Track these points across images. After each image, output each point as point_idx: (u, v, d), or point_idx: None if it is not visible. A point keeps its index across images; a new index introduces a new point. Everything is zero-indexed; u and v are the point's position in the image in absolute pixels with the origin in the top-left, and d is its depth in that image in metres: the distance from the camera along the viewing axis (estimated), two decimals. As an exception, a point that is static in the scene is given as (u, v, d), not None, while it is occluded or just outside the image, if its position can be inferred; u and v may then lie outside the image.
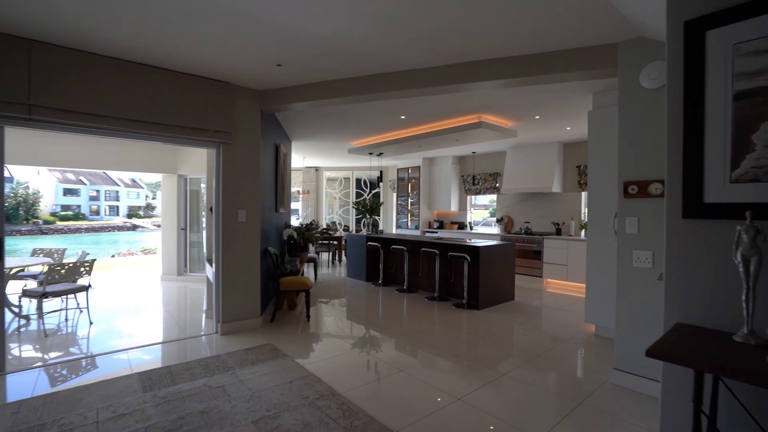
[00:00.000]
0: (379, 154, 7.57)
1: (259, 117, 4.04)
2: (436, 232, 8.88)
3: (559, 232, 6.94)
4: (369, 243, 6.58)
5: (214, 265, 3.88)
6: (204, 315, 4.61)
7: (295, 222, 11.26)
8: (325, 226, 10.66)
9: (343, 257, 9.21)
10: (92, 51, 3.03)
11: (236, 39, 2.84)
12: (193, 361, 3.11)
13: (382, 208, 9.63)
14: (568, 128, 5.78)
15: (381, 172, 7.60)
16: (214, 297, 3.87)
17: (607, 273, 3.89)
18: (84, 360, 3.23)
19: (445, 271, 5.68)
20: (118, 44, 2.92)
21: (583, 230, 6.61)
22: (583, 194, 6.90)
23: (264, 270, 4.33)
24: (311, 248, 8.18)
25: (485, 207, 9.30)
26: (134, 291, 6.07)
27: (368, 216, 7.38)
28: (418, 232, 9.33)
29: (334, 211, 11.71)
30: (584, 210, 6.88)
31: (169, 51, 3.04)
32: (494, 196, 8.47)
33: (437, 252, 5.36)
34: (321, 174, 11.35)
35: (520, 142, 7.15)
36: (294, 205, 11.22)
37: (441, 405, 2.50)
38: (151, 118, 3.27)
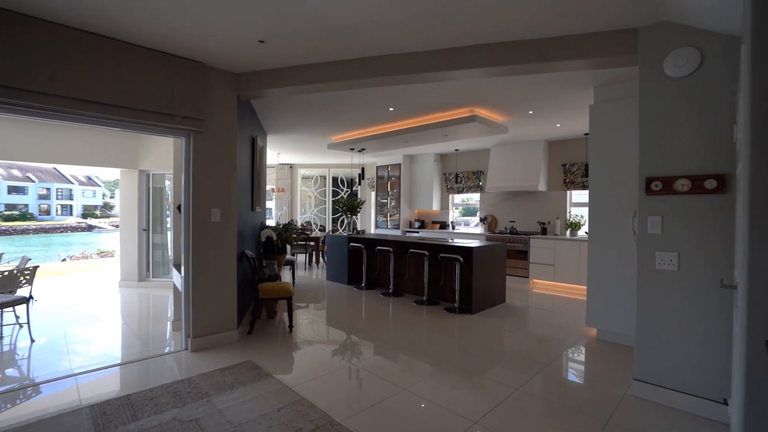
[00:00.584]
0: (361, 150, 7.20)
1: (235, 103, 3.58)
2: (418, 232, 8.62)
3: (544, 231, 6.83)
4: (351, 244, 6.20)
5: (182, 271, 3.39)
6: (170, 327, 4.08)
7: (269, 222, 10.68)
8: (300, 226, 10.16)
9: (321, 259, 8.76)
10: (31, 14, 2.48)
11: (213, 7, 2.40)
12: (159, 388, 2.63)
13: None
14: (558, 125, 5.65)
15: (363, 168, 7.22)
16: (183, 307, 3.37)
17: (610, 275, 3.73)
18: (20, 391, 2.67)
19: (435, 273, 5.40)
20: (67, 7, 2.40)
21: (569, 230, 6.54)
22: (569, 193, 6.83)
23: (241, 276, 3.87)
24: (288, 250, 7.67)
25: (455, 206, 9.12)
26: (88, 300, 5.38)
27: (349, 215, 6.99)
28: (398, 232, 9.04)
29: (307, 210, 11.20)
30: (569, 209, 6.82)
31: (131, 20, 2.55)
32: (471, 195, 8.31)
33: (426, 253, 5.07)
34: (296, 171, 10.82)
35: (505, 140, 6.99)
36: (267, 204, 10.63)
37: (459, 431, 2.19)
38: (108, 99, 2.76)
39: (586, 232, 6.62)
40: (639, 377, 2.61)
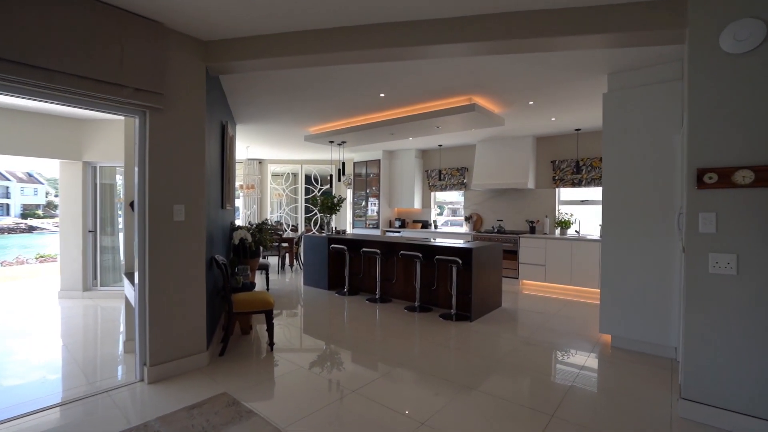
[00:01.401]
0: (341, 144, 6.65)
1: (203, 78, 2.95)
2: (399, 232, 8.18)
3: (533, 230, 6.59)
4: (332, 246, 5.65)
5: (136, 281, 2.72)
6: (122, 349, 3.37)
7: (237, 222, 9.86)
8: (270, 225, 9.43)
9: (296, 261, 8.12)
10: None
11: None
12: (105, 440, 2.00)
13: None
14: (553, 119, 5.38)
15: (343, 164, 6.67)
16: (138, 328, 2.71)
17: (627, 278, 3.44)
18: None
19: (427, 277, 4.97)
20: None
21: (558, 228, 6.33)
22: (557, 190, 6.63)
23: (211, 286, 3.24)
24: (261, 252, 6.96)
25: (438, 206, 8.79)
26: (18, 316, 4.49)
27: (327, 215, 6.43)
28: (377, 232, 8.56)
29: (276, 209, 10.48)
30: (558, 207, 6.62)
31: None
32: (452, 193, 7.97)
33: (420, 255, 4.62)
34: (265, 167, 10.07)
35: (491, 136, 6.69)
36: (236, 203, 9.80)
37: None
38: (33, 59, 2.08)
39: (576, 231, 6.47)
40: (688, 396, 2.28)
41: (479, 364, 3.12)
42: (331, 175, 7.07)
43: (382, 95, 4.28)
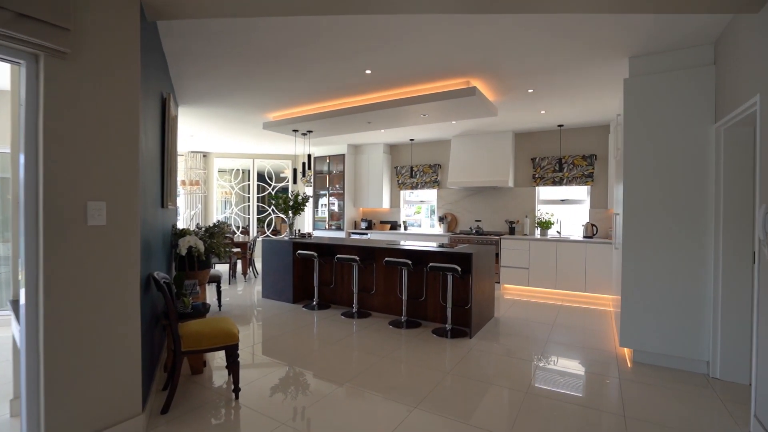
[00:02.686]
0: (306, 134, 5.79)
1: (137, 18, 2.04)
2: (366, 234, 7.48)
3: (512, 231, 6.24)
4: (299, 252, 4.81)
5: (23, 315, 1.76)
6: (8, 413, 2.32)
7: (179, 224, 8.56)
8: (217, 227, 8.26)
9: (250, 269, 7.08)
10: None
11: None
12: None
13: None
14: (542, 112, 5.01)
15: (309, 156, 5.81)
16: (25, 385, 1.75)
17: (652, 286, 3.06)
18: None
19: (414, 287, 4.33)
20: None
21: (539, 229, 6.02)
22: (537, 189, 6.33)
23: (148, 315, 2.32)
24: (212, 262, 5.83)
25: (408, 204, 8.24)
26: None
27: (290, 215, 5.55)
28: (341, 234, 7.79)
29: (223, 209, 9.29)
30: (538, 206, 6.32)
31: None
32: (421, 192, 7.44)
33: (409, 263, 3.96)
34: (211, 161, 8.85)
35: (468, 130, 6.24)
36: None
37: None
38: None
39: (557, 231, 6.22)
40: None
41: (500, 397, 2.53)
42: (295, 170, 6.18)
43: (368, 71, 3.56)
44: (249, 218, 9.20)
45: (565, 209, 6.18)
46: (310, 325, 4.12)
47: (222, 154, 8.84)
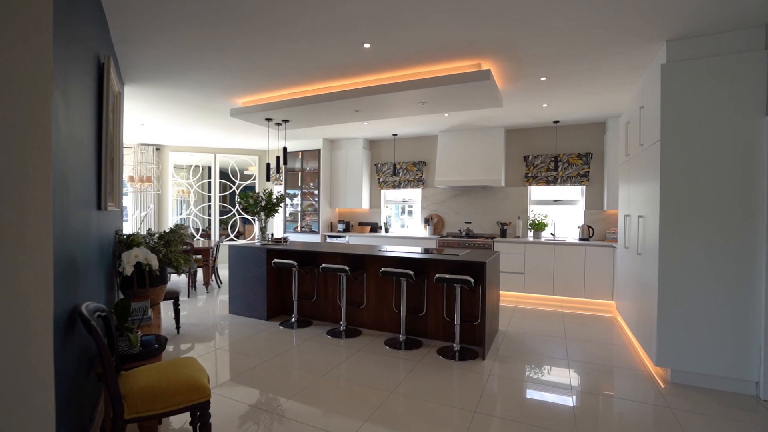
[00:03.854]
0: (281, 124, 5.06)
1: None
2: (344, 237, 6.85)
3: (504, 233, 5.85)
4: (276, 260, 4.11)
5: None
6: None
7: (127, 229, 7.49)
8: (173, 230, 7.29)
9: (213, 278, 6.23)
10: None
11: None
12: None
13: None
14: (545, 105, 4.62)
15: (285, 149, 5.08)
16: None
17: (693, 299, 2.70)
18: None
19: (413, 299, 3.78)
20: None
21: (532, 231, 5.67)
22: (529, 189, 5.98)
23: (72, 367, 1.60)
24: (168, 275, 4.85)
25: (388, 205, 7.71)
26: None
27: (262, 217, 4.82)
28: (316, 238, 7.11)
29: (180, 210, 8.31)
30: (531, 207, 5.97)
31: None
32: (403, 191, 6.92)
33: (411, 273, 3.40)
34: (166, 156, 7.84)
35: (456, 125, 5.79)
36: (124, 201, 7.37)
37: None
38: None
39: (551, 233, 5.90)
40: None
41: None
42: (268, 165, 5.41)
43: (367, 45, 2.95)
44: (210, 220, 8.26)
45: (559, 210, 5.87)
46: (291, 350, 3.44)
47: (178, 148, 7.85)
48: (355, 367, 3.06)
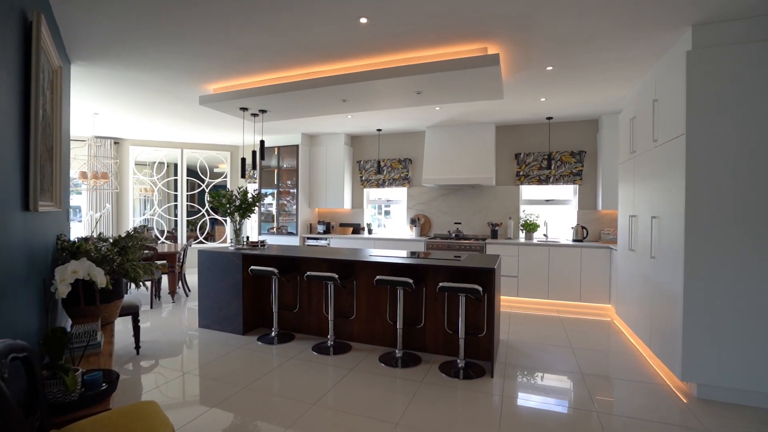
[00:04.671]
0: (257, 114, 4.56)
1: None
2: (325, 239, 6.40)
3: (495, 234, 5.59)
4: (253, 267, 3.63)
5: None
6: None
7: (76, 231, 6.73)
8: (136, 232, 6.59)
9: (181, 286, 5.62)
10: None
11: None
12: None
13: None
14: (543, 99, 4.37)
15: (262, 142, 4.58)
16: None
17: (723, 308, 2.48)
18: None
19: (410, 310, 3.41)
20: None
21: (524, 232, 5.44)
22: (521, 188, 5.75)
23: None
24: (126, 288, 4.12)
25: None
26: None
27: (238, 219, 4.31)
28: (295, 241, 6.61)
29: (142, 210, 7.58)
30: (522, 207, 5.74)
31: None
32: (387, 190, 6.56)
33: (410, 282, 3.02)
34: (126, 150, 7.11)
35: (444, 120, 5.49)
36: (75, 200, 6.58)
37: None
38: None
39: (544, 234, 5.69)
40: None
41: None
42: (244, 160, 4.88)
43: (363, 20, 2.54)
44: (177, 221, 7.58)
45: (550, 210, 5.67)
46: (273, 372, 2.99)
47: (140, 142, 7.13)
48: (349, 393, 2.65)
